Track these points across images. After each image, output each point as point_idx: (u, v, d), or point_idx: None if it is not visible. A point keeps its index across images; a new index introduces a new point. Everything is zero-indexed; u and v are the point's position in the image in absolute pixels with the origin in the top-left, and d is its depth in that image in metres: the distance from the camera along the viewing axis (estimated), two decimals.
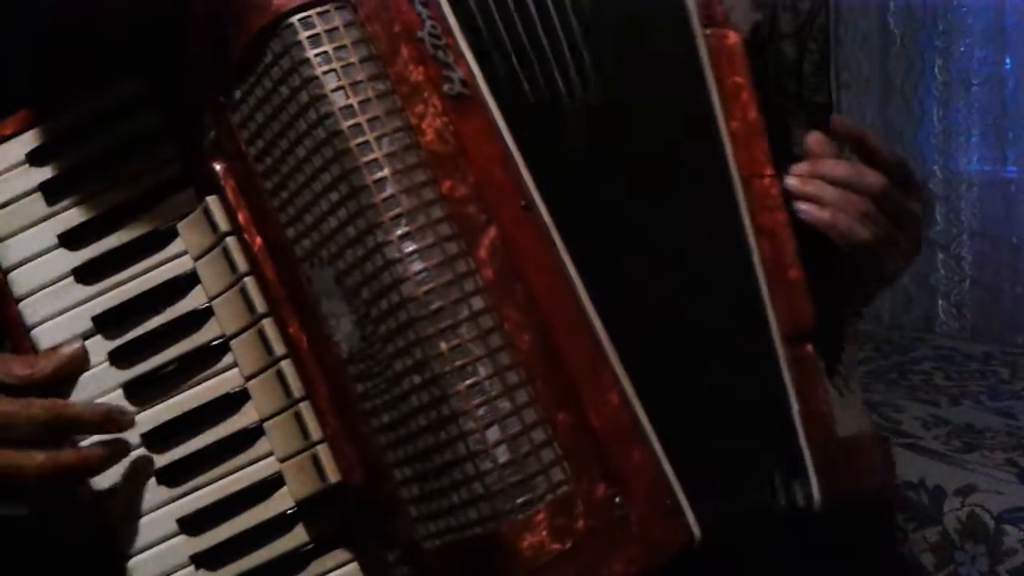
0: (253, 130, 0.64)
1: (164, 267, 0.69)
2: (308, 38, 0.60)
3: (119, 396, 0.68)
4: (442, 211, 0.59)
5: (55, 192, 0.70)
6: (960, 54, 2.09)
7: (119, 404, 0.67)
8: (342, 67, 0.60)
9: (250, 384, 0.67)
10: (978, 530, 1.15)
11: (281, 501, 0.67)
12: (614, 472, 0.59)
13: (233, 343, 0.67)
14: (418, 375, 0.59)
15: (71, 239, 0.70)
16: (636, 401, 0.61)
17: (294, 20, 0.60)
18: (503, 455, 0.57)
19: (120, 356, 0.69)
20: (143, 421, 0.68)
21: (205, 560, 0.67)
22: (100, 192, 0.70)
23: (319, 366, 0.64)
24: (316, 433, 0.65)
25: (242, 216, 0.66)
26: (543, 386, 0.59)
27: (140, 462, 0.67)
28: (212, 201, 0.67)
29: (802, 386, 0.69)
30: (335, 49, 0.60)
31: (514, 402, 0.58)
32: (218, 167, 0.66)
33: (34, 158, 0.70)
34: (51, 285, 0.70)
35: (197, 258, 0.69)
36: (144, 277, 0.69)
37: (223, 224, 0.67)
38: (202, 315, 0.68)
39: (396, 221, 0.59)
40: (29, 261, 0.70)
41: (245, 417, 0.67)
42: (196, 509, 0.67)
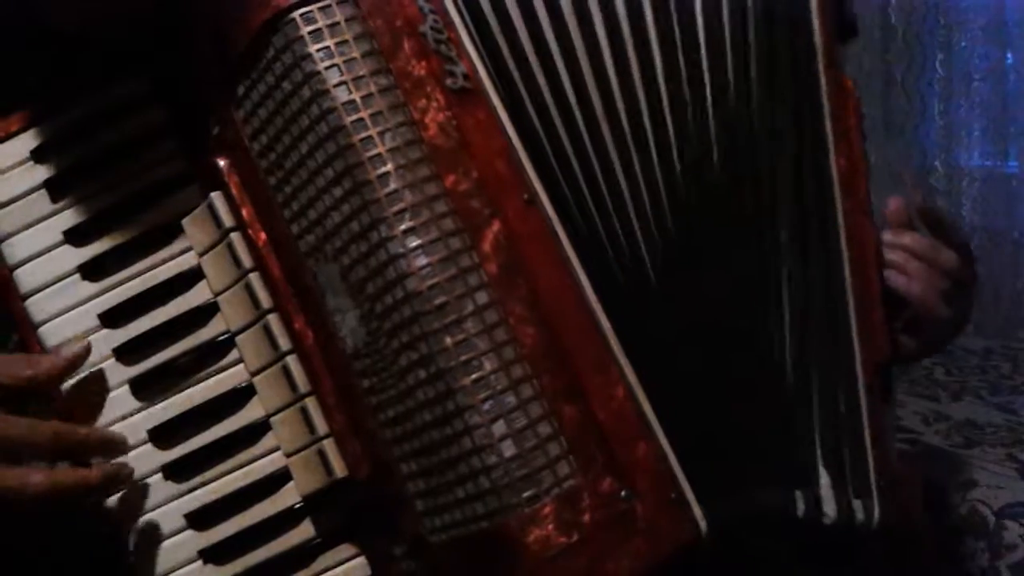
0: (256, 126, 0.64)
1: (169, 263, 0.69)
2: (310, 33, 0.60)
3: (125, 392, 0.68)
4: (446, 206, 0.59)
5: (59, 189, 0.70)
6: (962, 49, 2.08)
7: (125, 400, 0.68)
8: (344, 62, 0.60)
9: (256, 379, 0.67)
10: (978, 525, 1.15)
11: (288, 496, 0.67)
12: (620, 466, 0.59)
13: (238, 339, 0.68)
14: (423, 370, 0.59)
15: (76, 236, 0.70)
16: (642, 394, 0.61)
17: (296, 15, 0.60)
18: (509, 449, 0.57)
19: (126, 352, 0.69)
20: (149, 417, 0.68)
21: (213, 555, 0.67)
22: (104, 189, 0.70)
23: (325, 361, 0.64)
24: (322, 428, 0.65)
25: (246, 212, 0.66)
26: (548, 380, 0.58)
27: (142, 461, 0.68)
28: (216, 197, 0.67)
29: (873, 410, 0.71)
30: (337, 44, 0.60)
31: (519, 396, 0.58)
32: (222, 163, 0.66)
33: (38, 155, 0.70)
34: (57, 282, 0.70)
35: (202, 254, 0.69)
36: (149, 273, 0.69)
37: (227, 220, 0.67)
38: (207, 311, 0.68)
39: (400, 216, 0.59)
40: (35, 258, 0.70)
41: (251, 412, 0.67)
42: (203, 504, 0.67)
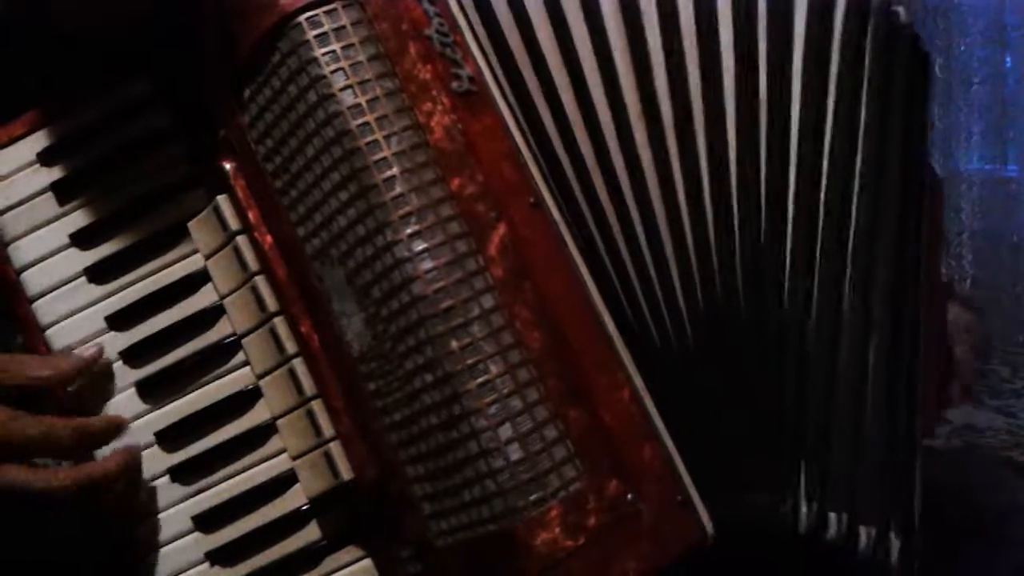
0: (262, 129, 0.64)
1: (175, 266, 0.70)
2: (316, 37, 0.60)
3: (132, 395, 0.69)
4: (451, 209, 0.59)
5: (66, 192, 0.70)
6: (960, 53, 2.08)
7: (132, 402, 0.68)
8: (350, 66, 0.60)
9: (262, 382, 0.67)
10: (978, 529, 1.14)
11: (294, 498, 0.67)
12: (626, 468, 0.58)
13: (244, 341, 0.68)
14: (429, 373, 0.59)
15: (82, 239, 0.70)
16: (647, 397, 0.61)
17: (301, 19, 0.60)
18: (515, 453, 0.57)
19: (132, 355, 0.69)
20: (156, 420, 0.68)
21: (220, 557, 0.67)
22: (110, 192, 0.70)
23: (331, 364, 0.64)
24: (328, 430, 0.65)
25: (252, 215, 0.66)
26: (554, 383, 0.58)
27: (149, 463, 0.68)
28: (222, 200, 0.67)
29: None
30: (343, 48, 0.60)
31: (525, 400, 0.58)
32: (228, 166, 0.66)
33: (44, 158, 0.71)
34: (64, 285, 0.70)
35: (208, 256, 0.69)
36: (156, 276, 0.70)
37: (233, 223, 0.67)
38: (213, 313, 0.68)
39: (405, 220, 0.59)
40: (41, 261, 0.70)
41: (257, 415, 0.68)
42: (210, 507, 0.68)
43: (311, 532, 0.67)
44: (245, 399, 0.68)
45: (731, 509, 0.64)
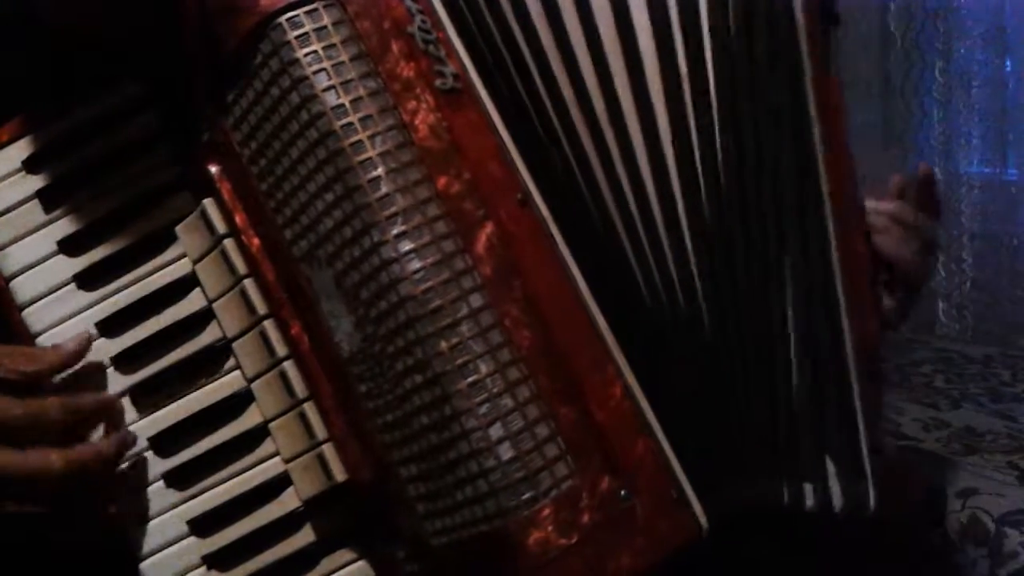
0: (247, 131, 0.63)
1: (164, 271, 0.69)
2: (297, 38, 0.59)
3: (124, 401, 0.68)
4: (438, 208, 0.59)
5: (52, 199, 0.70)
6: (960, 56, 2.06)
7: (124, 409, 0.68)
8: (332, 66, 0.59)
9: (254, 385, 0.67)
10: (979, 533, 1.14)
11: (289, 501, 0.67)
12: (618, 465, 0.58)
13: (235, 345, 0.67)
14: (419, 374, 0.58)
15: (70, 245, 0.70)
16: (639, 392, 0.61)
17: (282, 20, 0.59)
18: (506, 452, 0.57)
19: (123, 361, 0.69)
20: (149, 425, 0.68)
21: (216, 561, 0.67)
22: (97, 197, 0.70)
23: (322, 366, 0.64)
24: (321, 433, 0.65)
25: (239, 218, 0.66)
26: (545, 381, 0.58)
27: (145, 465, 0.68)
28: (209, 203, 0.67)
29: (866, 396, 0.70)
30: (325, 48, 0.59)
31: (516, 399, 0.58)
32: (213, 169, 0.66)
33: (30, 165, 0.70)
34: (53, 292, 0.70)
35: (196, 261, 0.68)
36: (144, 281, 0.69)
37: (220, 226, 0.66)
38: (203, 318, 0.68)
39: (392, 220, 0.58)
40: (30, 269, 0.70)
41: (249, 419, 0.67)
42: (205, 511, 0.67)
43: (306, 534, 0.67)
44: (237, 403, 0.67)
45: (730, 499, 0.64)
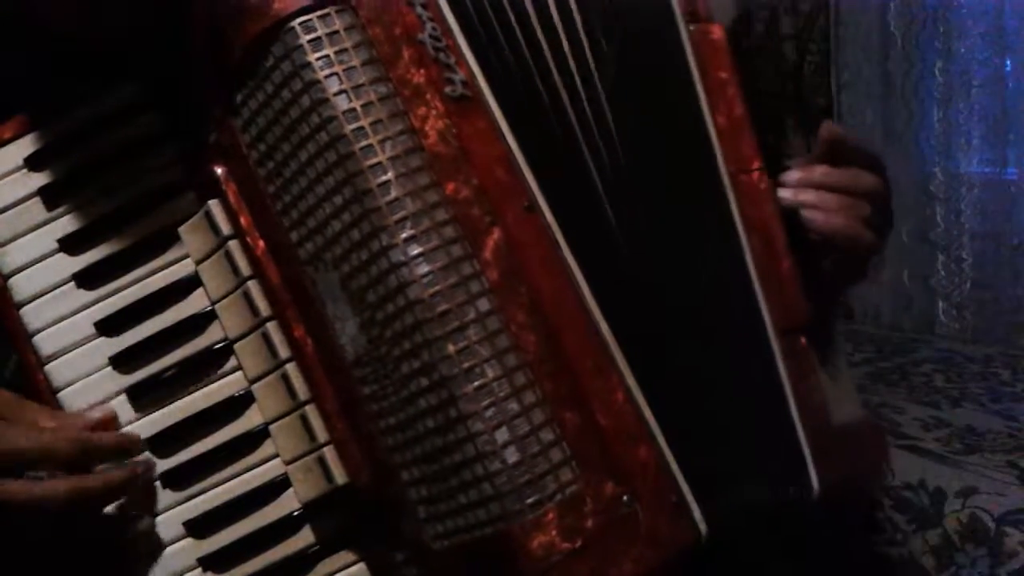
0: (255, 134, 0.64)
1: (165, 271, 0.69)
2: (310, 42, 0.60)
3: (122, 401, 0.68)
4: (446, 213, 0.59)
5: (54, 196, 0.70)
6: (960, 56, 2.08)
7: (122, 409, 0.68)
8: (344, 70, 0.60)
9: (255, 387, 0.67)
10: (979, 532, 1.15)
11: (288, 503, 0.67)
12: (622, 470, 0.59)
13: (237, 346, 0.67)
14: (426, 377, 0.59)
15: (71, 244, 0.70)
16: (642, 399, 0.62)
17: (295, 24, 0.60)
18: (512, 456, 0.57)
19: (123, 361, 0.69)
20: (147, 425, 0.68)
21: (212, 563, 0.67)
22: (99, 196, 0.70)
23: (325, 369, 0.64)
24: (322, 435, 0.65)
25: (244, 220, 0.66)
26: (550, 386, 0.59)
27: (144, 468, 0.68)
28: (214, 205, 0.67)
29: (797, 379, 0.70)
30: (337, 52, 0.60)
31: (522, 403, 0.58)
32: (219, 170, 0.66)
33: (32, 162, 0.70)
34: (52, 291, 0.69)
35: (199, 262, 0.68)
36: (145, 281, 0.69)
37: (225, 227, 0.66)
38: (205, 319, 0.68)
39: (401, 224, 0.59)
40: (29, 266, 0.70)
41: (249, 420, 0.67)
42: (202, 512, 0.67)
43: (304, 537, 0.67)
44: (237, 404, 0.67)
45: (728, 504, 0.64)
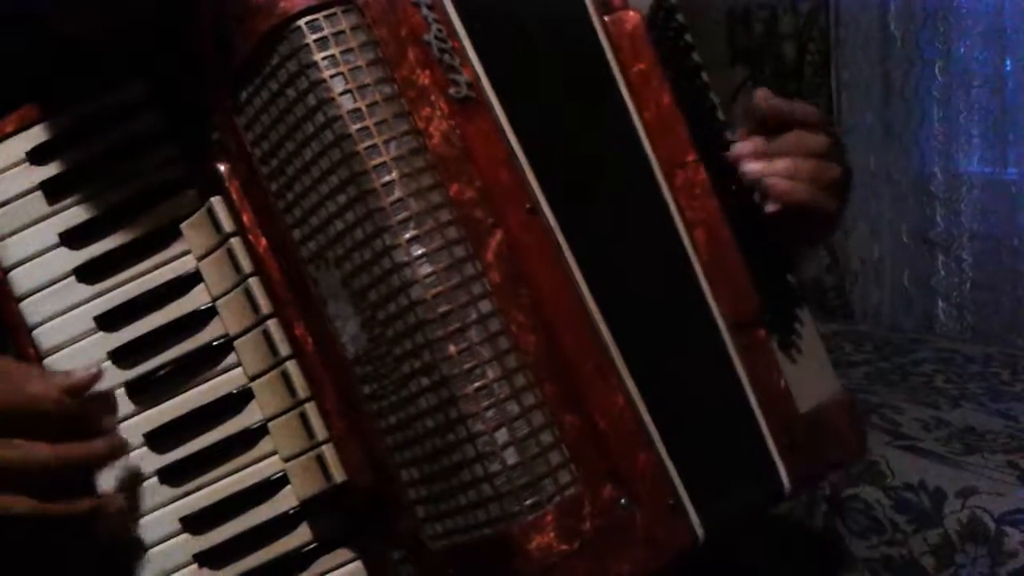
0: (259, 132, 0.64)
1: (166, 267, 0.69)
2: (315, 41, 0.60)
3: (121, 395, 0.68)
4: (450, 214, 0.60)
5: (56, 191, 0.70)
6: (960, 55, 2.07)
7: (121, 403, 0.68)
8: (349, 70, 0.60)
9: (254, 384, 0.67)
10: (979, 532, 1.15)
11: (285, 500, 0.67)
12: (620, 473, 0.59)
13: (237, 343, 0.68)
14: (426, 377, 0.59)
15: (72, 238, 0.70)
16: (640, 402, 0.62)
17: (301, 23, 0.60)
18: (512, 457, 0.58)
19: (122, 356, 0.69)
20: (145, 420, 0.68)
21: (208, 559, 0.67)
22: (102, 191, 0.70)
23: (325, 367, 0.65)
24: (321, 433, 0.65)
25: (247, 217, 0.66)
26: (550, 389, 0.59)
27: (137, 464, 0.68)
28: (216, 202, 0.67)
29: (756, 373, 0.68)
30: (342, 52, 0.60)
31: (522, 404, 0.58)
32: (222, 168, 0.66)
33: (35, 156, 0.70)
34: (52, 284, 0.69)
35: (201, 258, 0.69)
36: (146, 277, 0.69)
37: (227, 225, 0.67)
38: (205, 315, 0.68)
39: (404, 224, 0.59)
40: (30, 260, 0.70)
41: (248, 417, 0.68)
42: (199, 508, 0.67)
43: (301, 534, 0.67)
44: (236, 401, 0.68)
45: (722, 507, 0.64)
